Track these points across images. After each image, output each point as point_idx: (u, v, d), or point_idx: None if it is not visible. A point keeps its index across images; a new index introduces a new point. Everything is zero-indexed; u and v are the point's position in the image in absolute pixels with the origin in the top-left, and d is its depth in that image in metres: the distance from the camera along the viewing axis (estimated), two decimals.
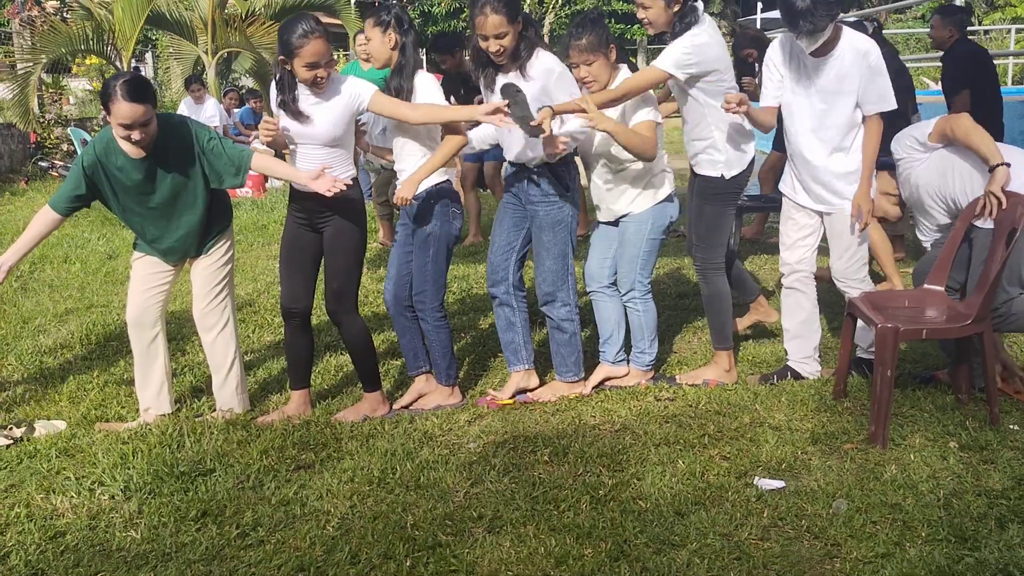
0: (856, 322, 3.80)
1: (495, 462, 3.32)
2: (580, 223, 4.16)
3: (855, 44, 3.68)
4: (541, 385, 4.15)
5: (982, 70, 6.00)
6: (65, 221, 3.82)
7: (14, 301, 6.04)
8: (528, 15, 3.75)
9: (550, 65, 3.70)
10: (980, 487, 3.01)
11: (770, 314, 4.71)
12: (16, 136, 12.46)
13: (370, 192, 7.55)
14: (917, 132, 3.80)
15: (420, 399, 4.11)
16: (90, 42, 11.47)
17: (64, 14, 14.05)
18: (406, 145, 3.87)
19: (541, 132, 3.52)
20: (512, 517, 2.92)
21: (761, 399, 3.83)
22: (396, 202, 3.79)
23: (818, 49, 3.64)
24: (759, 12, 16.95)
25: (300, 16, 3.62)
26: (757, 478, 3.12)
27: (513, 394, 4.06)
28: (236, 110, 12.53)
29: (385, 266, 4.39)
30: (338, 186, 3.53)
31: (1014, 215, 3.41)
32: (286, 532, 2.90)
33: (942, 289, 3.72)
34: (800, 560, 2.65)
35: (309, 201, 3.74)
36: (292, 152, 3.81)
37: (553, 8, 23.34)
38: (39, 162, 12.42)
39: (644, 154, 3.82)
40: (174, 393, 4.05)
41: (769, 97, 3.92)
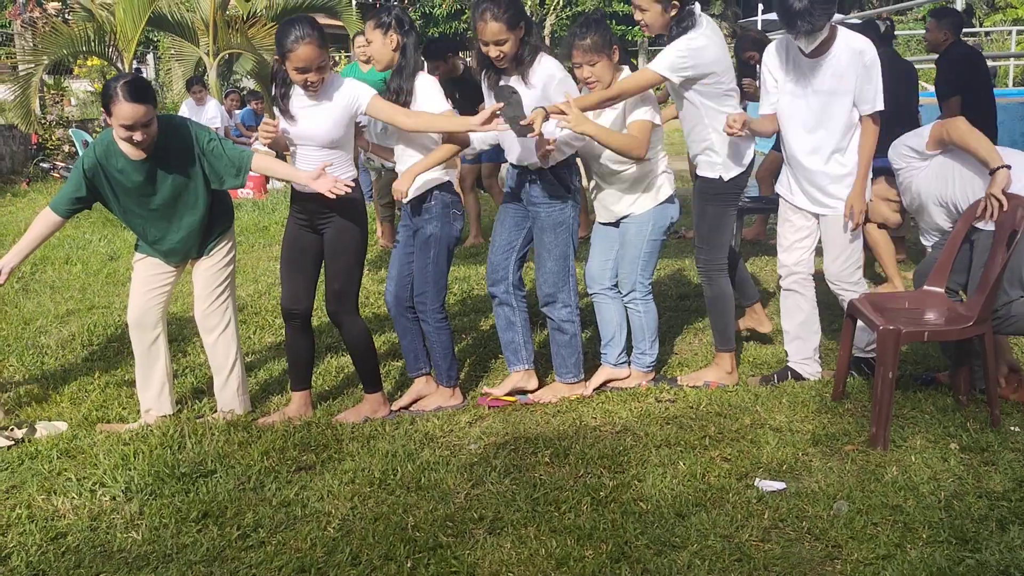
0: (856, 324, 3.80)
1: (496, 463, 3.32)
2: (581, 224, 4.16)
3: (851, 43, 3.68)
4: (541, 386, 4.15)
5: (975, 73, 6.01)
6: (66, 223, 3.83)
7: (15, 302, 6.05)
8: (531, 20, 3.75)
9: (551, 71, 3.71)
10: (981, 489, 3.01)
11: (762, 323, 4.72)
12: (18, 137, 12.47)
13: (371, 193, 7.56)
14: (912, 141, 3.79)
15: (420, 400, 4.11)
16: (92, 43, 11.47)
17: (66, 15, 14.07)
18: (407, 148, 3.87)
19: (531, 132, 3.52)
20: (513, 518, 2.92)
21: (762, 400, 3.83)
22: (394, 196, 3.79)
23: (815, 49, 3.65)
24: (760, 14, 16.97)
25: (296, 20, 3.61)
26: (758, 480, 3.13)
27: (510, 392, 4.06)
28: (237, 111, 12.54)
29: (386, 267, 4.39)
30: (340, 187, 3.53)
31: (1014, 217, 3.41)
32: (287, 533, 2.91)
33: (943, 291, 3.72)
34: (801, 562, 2.65)
35: (310, 202, 3.74)
36: (292, 153, 3.81)
37: (554, 10, 23.38)
38: (41, 163, 12.43)
39: (630, 154, 3.82)
40: (175, 394, 4.05)
41: (768, 104, 3.92)
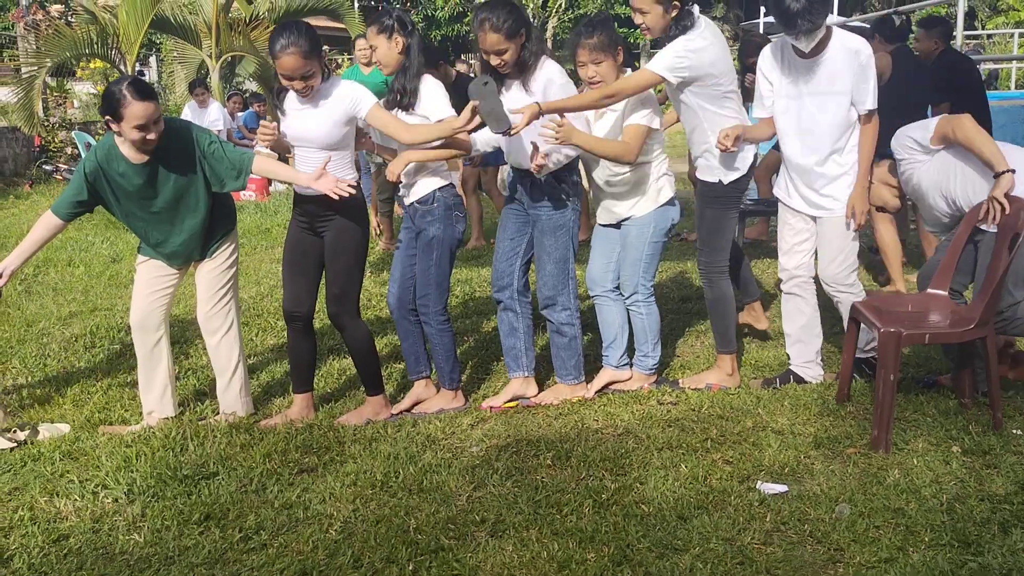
0: (859, 326, 3.79)
1: (498, 466, 3.32)
2: (581, 227, 4.16)
3: (846, 43, 3.68)
4: (541, 391, 4.15)
5: (967, 79, 6.02)
6: (68, 225, 3.84)
7: (18, 304, 6.06)
8: (531, 26, 3.75)
9: (551, 75, 3.72)
10: (983, 492, 3.00)
11: (760, 320, 4.73)
12: (20, 140, 12.50)
13: (370, 195, 7.53)
14: (917, 134, 3.77)
15: (422, 403, 4.11)
16: (94, 46, 11.49)
17: (68, 18, 14.10)
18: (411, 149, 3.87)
19: (508, 130, 3.53)
20: (515, 521, 2.92)
21: (764, 403, 3.83)
22: (388, 177, 3.82)
23: (811, 49, 3.64)
24: (761, 16, 16.98)
25: (286, 26, 3.59)
26: (760, 482, 3.12)
27: (510, 399, 4.06)
28: (240, 114, 12.56)
29: (388, 270, 4.39)
30: (343, 187, 3.53)
31: (1017, 220, 3.40)
32: (289, 536, 2.91)
33: (945, 293, 3.71)
34: (803, 565, 2.64)
35: (311, 205, 3.75)
36: (294, 156, 3.82)
37: (556, 12, 23.37)
38: (43, 165, 12.46)
39: (620, 159, 3.84)
40: (177, 396, 4.05)
41: (763, 108, 3.92)
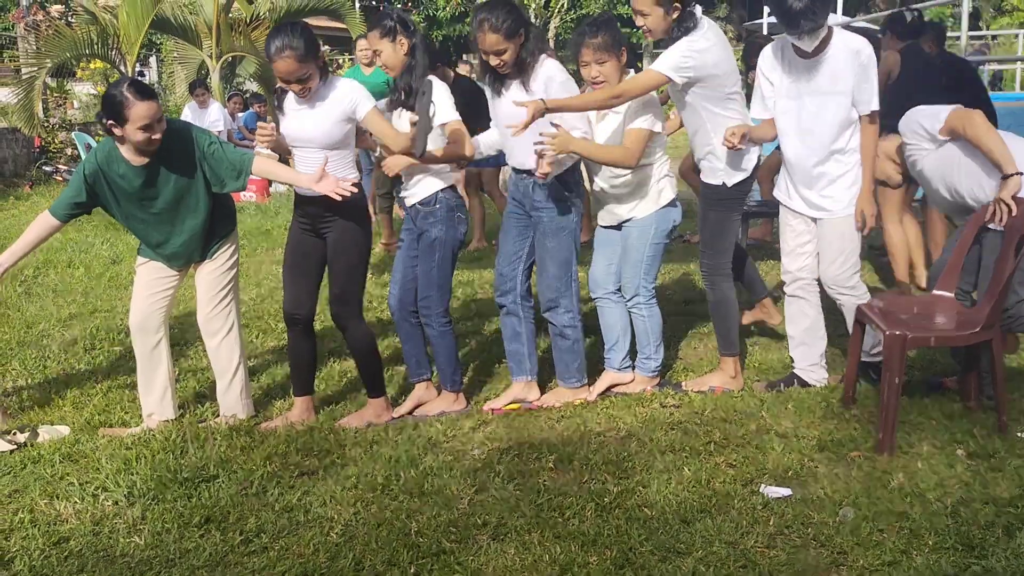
0: (865, 329, 3.78)
1: (499, 469, 3.30)
2: (583, 229, 4.15)
3: (847, 43, 3.66)
4: (543, 394, 4.13)
5: (962, 81, 6.01)
6: (67, 226, 3.82)
7: (18, 306, 6.04)
8: (531, 25, 3.72)
9: (551, 73, 3.70)
10: (988, 495, 2.99)
11: (772, 315, 4.70)
12: (20, 140, 12.49)
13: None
14: (927, 122, 3.72)
15: (423, 405, 4.10)
16: (95, 47, 11.48)
17: (68, 18, 14.10)
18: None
19: (423, 152, 3.53)
20: (517, 524, 2.91)
21: (767, 406, 3.82)
22: (385, 171, 3.80)
23: (813, 49, 3.63)
24: (765, 16, 16.95)
25: (282, 28, 3.57)
26: (763, 486, 3.11)
27: (511, 401, 4.05)
28: (240, 114, 12.55)
29: (389, 271, 4.38)
30: (345, 188, 3.52)
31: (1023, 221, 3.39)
32: (290, 539, 2.89)
33: (951, 295, 3.70)
34: (806, 568, 2.63)
35: (312, 206, 3.73)
36: (294, 157, 3.81)
37: (559, 12, 23.37)
38: (43, 166, 12.45)
39: (620, 164, 3.83)
40: (177, 398, 4.04)
41: (764, 108, 3.91)
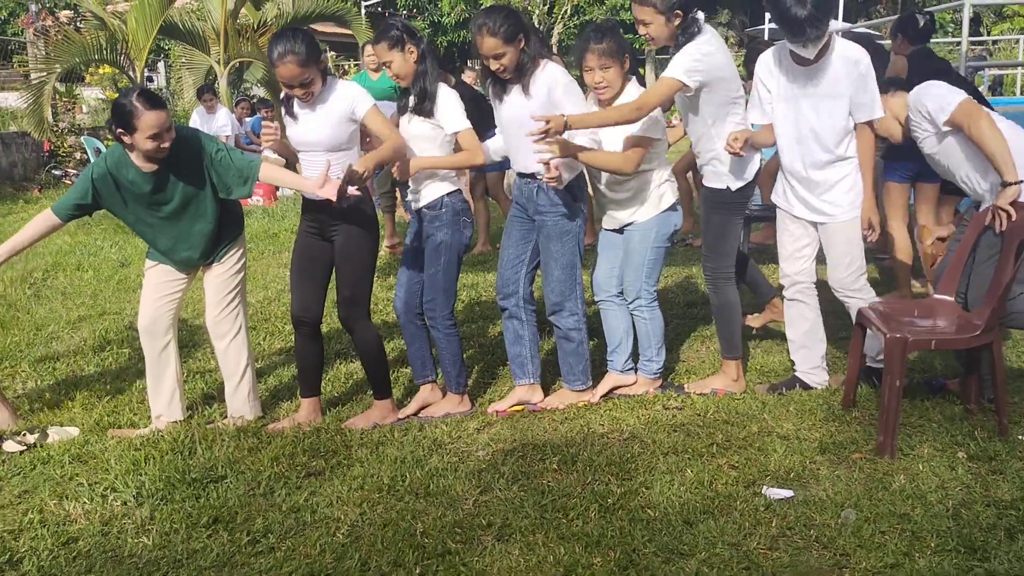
0: (865, 332, 3.80)
1: (504, 470, 3.33)
2: (587, 232, 4.17)
3: (846, 53, 3.69)
4: (546, 396, 4.16)
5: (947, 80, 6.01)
6: (76, 229, 3.86)
7: (27, 308, 6.09)
8: (531, 30, 3.73)
9: (555, 76, 3.71)
10: (989, 498, 3.01)
11: (783, 315, 4.70)
12: (30, 144, 12.56)
13: (379, 200, 7.56)
14: (933, 107, 3.68)
15: (428, 407, 4.12)
16: (104, 52, 11.56)
17: (78, 24, 14.18)
18: (420, 155, 3.88)
19: (347, 197, 3.53)
20: (521, 525, 2.93)
21: (769, 408, 3.84)
22: (394, 175, 3.81)
23: (815, 56, 3.65)
24: (767, 22, 16.98)
25: (284, 33, 3.61)
26: (766, 487, 3.13)
27: (514, 404, 4.07)
28: (248, 119, 12.60)
29: (395, 274, 4.41)
30: (351, 191, 3.53)
31: (1023, 226, 3.40)
32: (297, 539, 2.92)
33: (952, 299, 3.72)
34: (809, 570, 2.65)
35: (319, 211, 3.76)
36: (301, 161, 3.85)
37: (562, 18, 23.41)
38: (52, 170, 12.52)
39: (620, 171, 3.85)
40: (185, 400, 4.08)
41: (763, 113, 3.92)
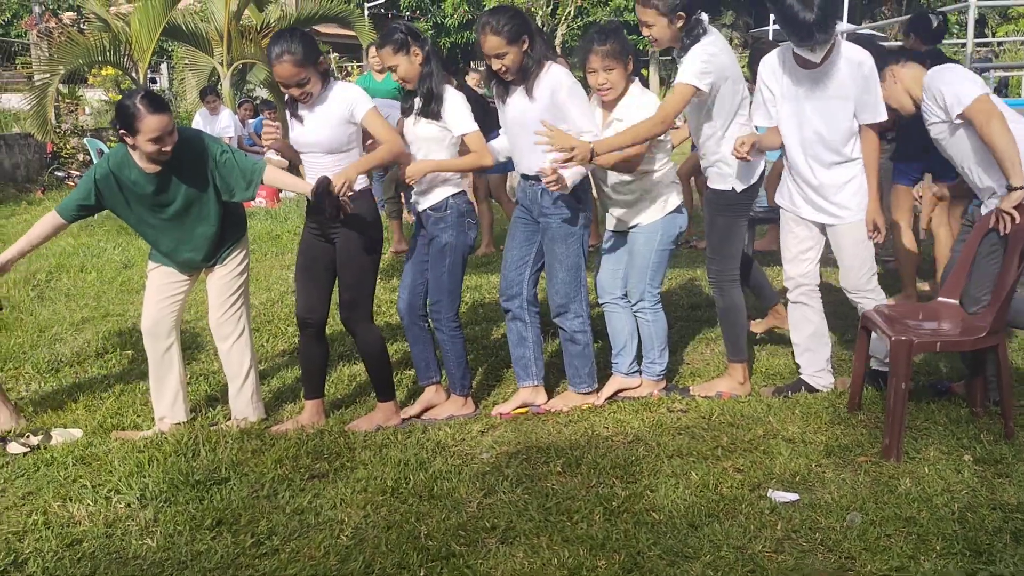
0: (871, 335, 3.79)
1: (508, 473, 3.33)
2: (591, 234, 4.17)
3: (850, 55, 3.67)
4: (550, 398, 4.15)
5: None
6: (79, 231, 3.85)
7: (31, 310, 6.09)
8: (535, 32, 3.72)
9: (559, 78, 3.70)
10: (995, 501, 3.00)
11: (785, 321, 4.69)
12: (33, 146, 12.58)
13: (383, 202, 7.56)
14: (949, 95, 3.58)
15: (432, 409, 4.12)
16: (107, 53, 11.56)
17: (81, 25, 14.21)
18: (426, 157, 3.88)
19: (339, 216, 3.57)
20: (525, 528, 2.93)
21: (774, 411, 3.83)
22: (403, 179, 3.80)
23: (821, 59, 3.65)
24: (771, 24, 16.97)
25: (282, 34, 3.62)
26: (771, 490, 3.12)
27: (518, 406, 4.07)
28: (251, 121, 12.61)
29: (398, 276, 4.41)
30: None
31: None
32: (300, 541, 2.92)
33: (956, 302, 3.70)
34: (814, 573, 2.64)
35: (321, 213, 3.76)
36: (303, 163, 3.85)
37: (565, 20, 23.43)
38: (55, 172, 12.53)
39: (620, 169, 3.84)
40: (189, 402, 4.08)
41: (767, 116, 3.92)
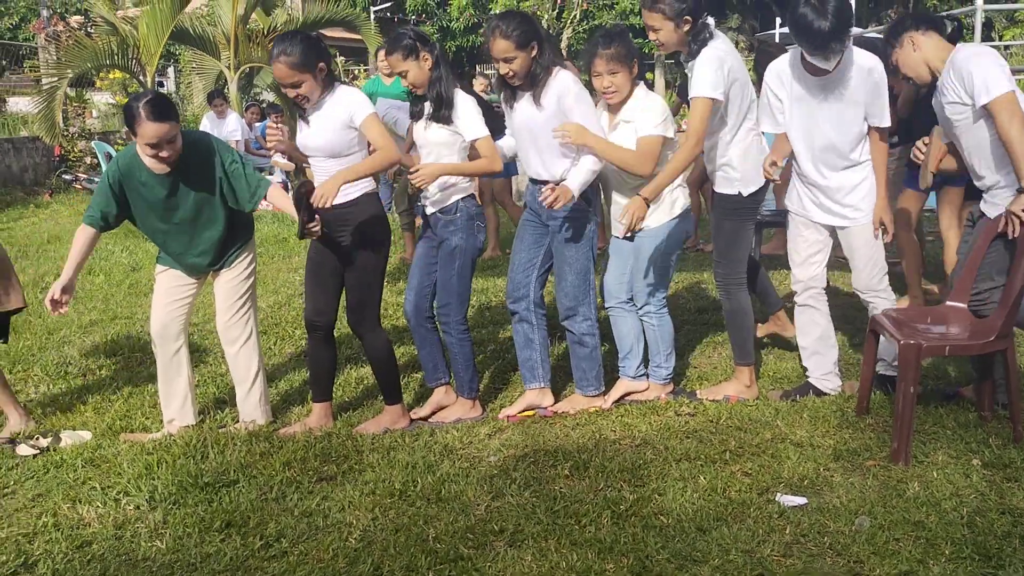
0: (879, 339, 3.78)
1: (516, 476, 3.33)
2: (599, 237, 4.17)
3: (860, 60, 3.68)
4: (557, 402, 4.15)
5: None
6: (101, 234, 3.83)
7: (39, 312, 6.10)
8: (545, 39, 3.71)
9: (566, 84, 3.70)
10: (1004, 505, 2.99)
11: (787, 327, 4.70)
12: (40, 149, 12.63)
13: (391, 205, 7.58)
14: (979, 81, 3.43)
15: (440, 412, 4.13)
16: (115, 57, 11.61)
17: (89, 29, 14.26)
18: (435, 161, 3.89)
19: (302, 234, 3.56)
20: (533, 531, 2.93)
21: (782, 415, 3.82)
22: (411, 181, 3.79)
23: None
24: (777, 27, 16.95)
25: (284, 36, 3.63)
26: (779, 494, 3.12)
27: (525, 408, 4.07)
28: (257, 124, 12.63)
29: (404, 279, 4.42)
30: (322, 198, 3.49)
31: None
32: (309, 543, 2.92)
33: (964, 306, 3.70)
34: None
35: (329, 215, 3.77)
36: (311, 166, 3.86)
37: (571, 23, 23.45)
38: (63, 175, 12.58)
39: (633, 170, 3.82)
40: (197, 404, 4.09)
41: (776, 123, 3.91)
